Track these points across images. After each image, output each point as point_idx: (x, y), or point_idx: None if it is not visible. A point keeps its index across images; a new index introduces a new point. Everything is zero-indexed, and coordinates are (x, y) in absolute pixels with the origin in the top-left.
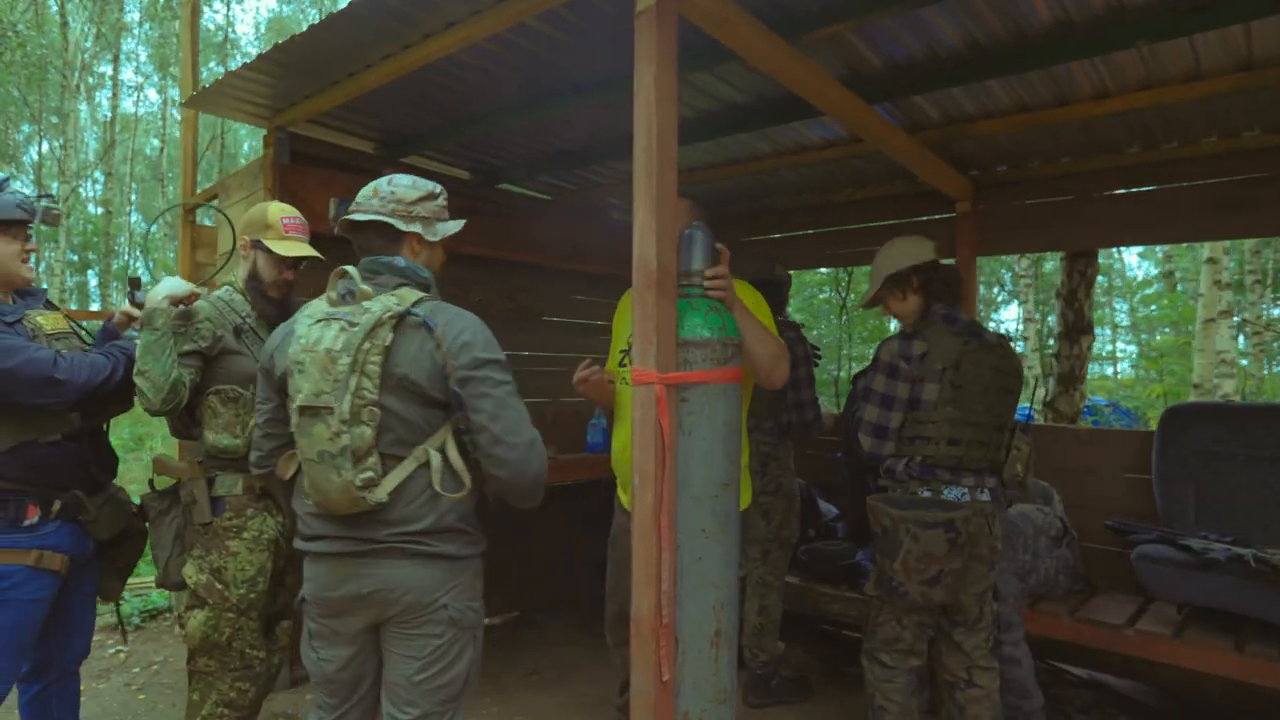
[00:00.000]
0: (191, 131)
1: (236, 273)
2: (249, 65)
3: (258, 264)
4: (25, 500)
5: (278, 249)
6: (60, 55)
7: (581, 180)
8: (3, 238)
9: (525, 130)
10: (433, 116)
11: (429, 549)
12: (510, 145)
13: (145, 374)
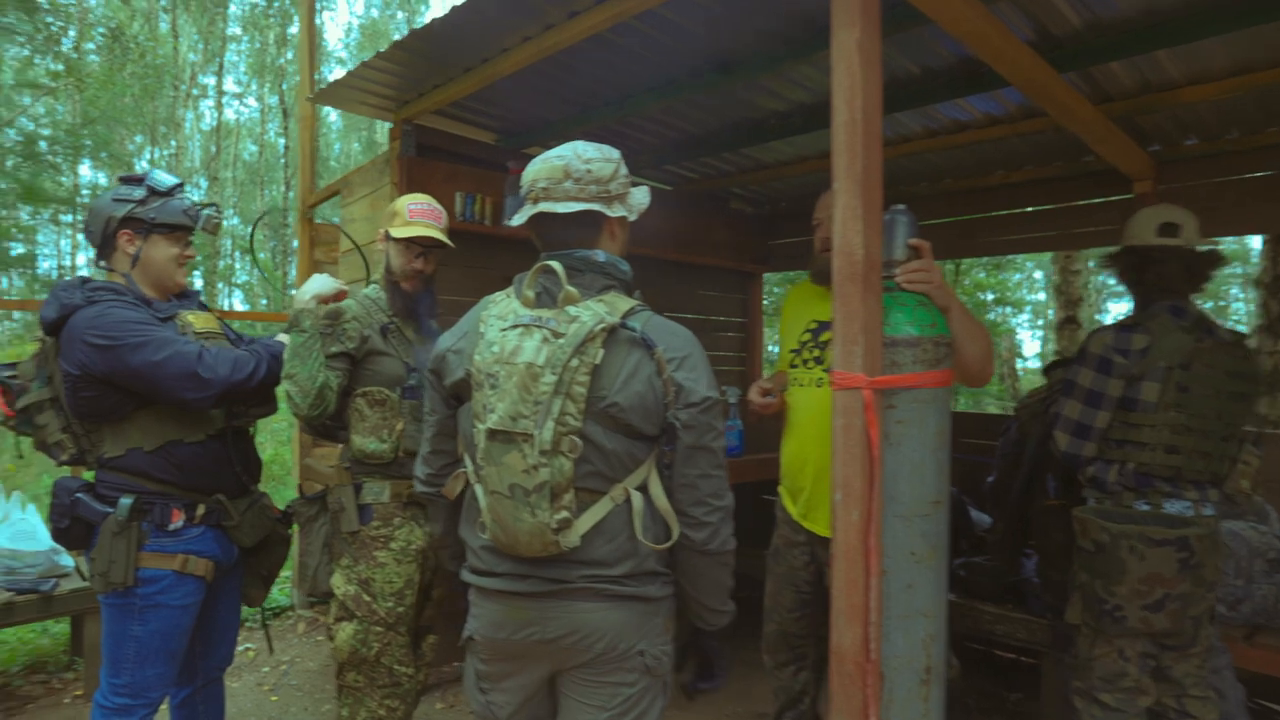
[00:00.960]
0: (309, 130)
1: (380, 268)
2: (380, 56)
3: (389, 256)
4: (170, 504)
5: (399, 233)
6: (171, 67)
7: (705, 169)
8: (164, 241)
9: (654, 117)
10: (557, 106)
11: (626, 590)
12: (633, 133)
13: (292, 378)
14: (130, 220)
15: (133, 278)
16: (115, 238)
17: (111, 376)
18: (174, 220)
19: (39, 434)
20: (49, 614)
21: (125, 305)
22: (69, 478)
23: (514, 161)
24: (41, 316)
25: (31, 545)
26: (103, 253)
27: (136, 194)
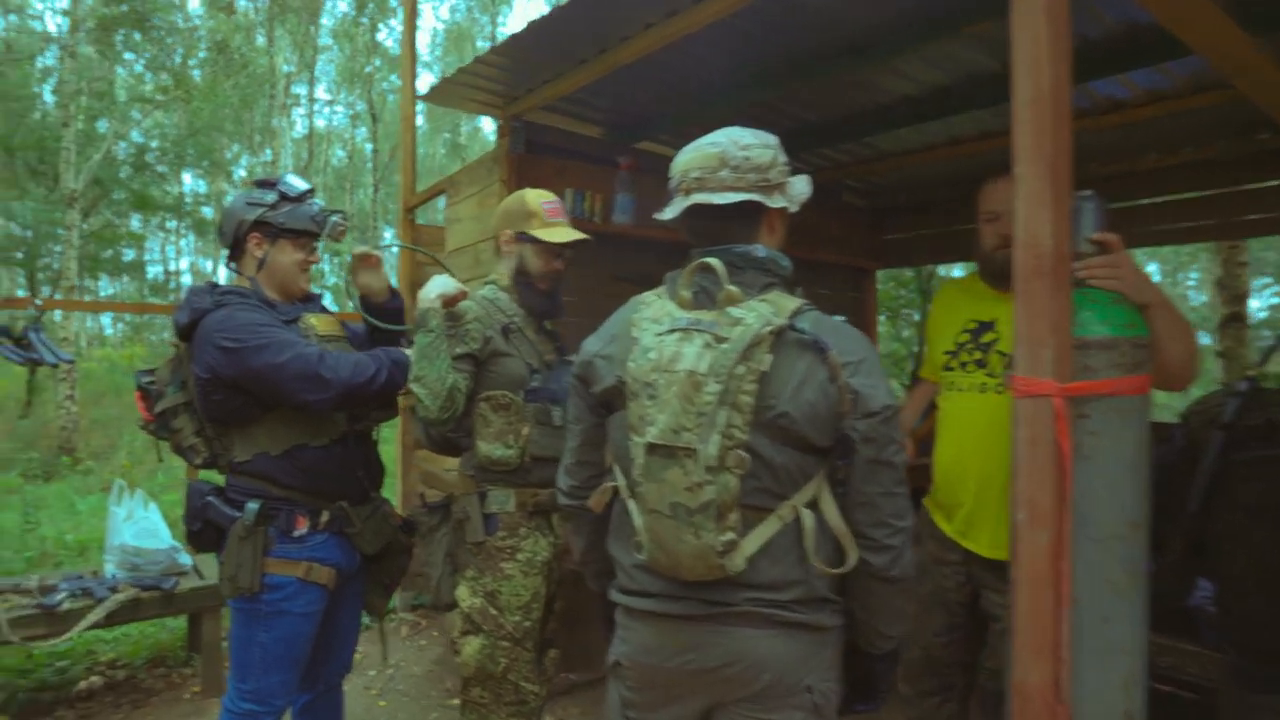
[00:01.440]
0: (410, 131)
1: (499, 269)
2: (493, 51)
3: (525, 257)
4: (295, 511)
5: (548, 236)
6: (268, 77)
7: (819, 160)
8: (291, 246)
9: (774, 106)
10: (670, 98)
11: (795, 617)
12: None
13: (421, 380)
14: (260, 224)
15: (258, 281)
16: (245, 240)
17: (237, 379)
18: (301, 226)
19: (175, 438)
20: (169, 610)
21: (250, 308)
22: (201, 481)
23: (624, 156)
24: (174, 321)
25: (154, 543)
26: (233, 254)
27: (268, 198)
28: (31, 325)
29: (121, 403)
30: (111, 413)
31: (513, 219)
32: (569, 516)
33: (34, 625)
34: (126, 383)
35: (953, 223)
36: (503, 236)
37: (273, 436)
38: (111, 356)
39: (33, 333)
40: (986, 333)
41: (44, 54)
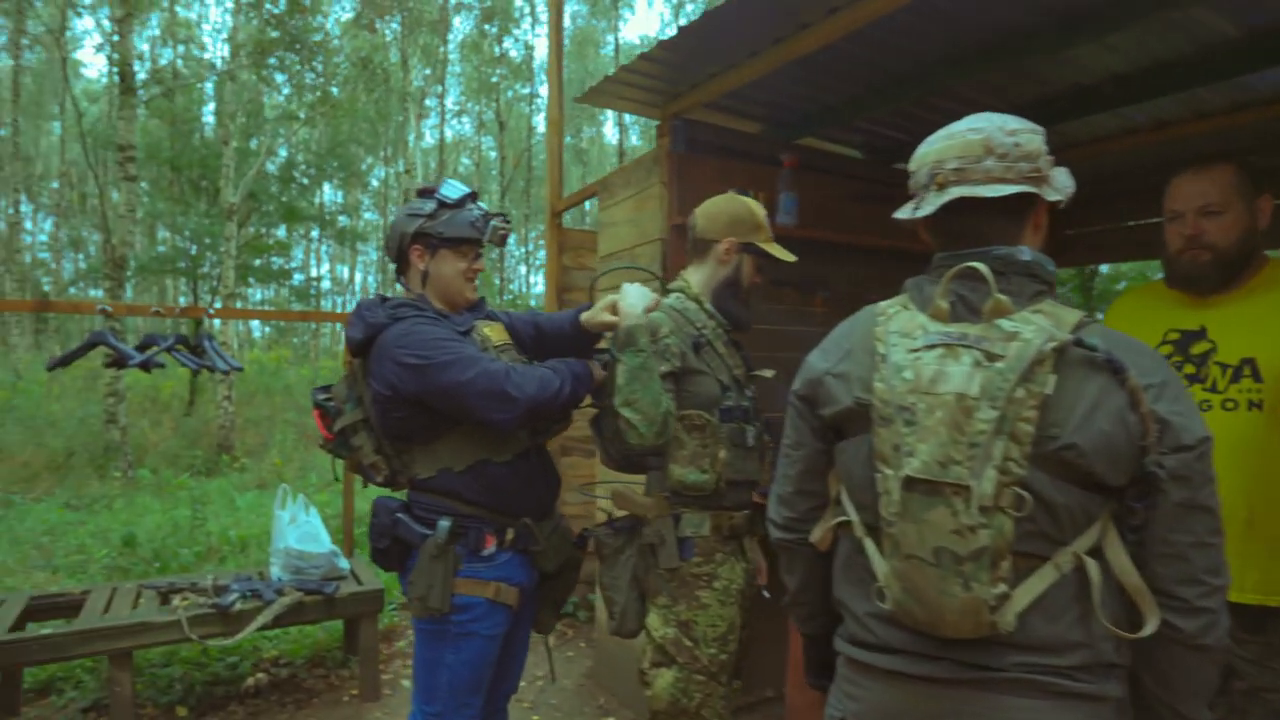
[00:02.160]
0: (557, 134)
1: (687, 277)
2: (661, 45)
3: (742, 269)
4: (483, 529)
5: (777, 253)
6: (402, 91)
7: None
8: (452, 255)
9: (957, 94)
10: (834, 91)
11: (1078, 687)
12: (923, 113)
13: (634, 404)
14: (420, 236)
15: (426, 295)
16: (408, 254)
17: (422, 396)
18: (461, 234)
19: (354, 456)
20: (330, 615)
21: (428, 321)
22: (388, 497)
23: (787, 153)
24: (348, 337)
25: (315, 547)
26: (400, 269)
27: (426, 208)
28: (205, 334)
29: (271, 403)
30: (262, 412)
31: (741, 228)
32: (781, 550)
33: (210, 624)
34: (274, 383)
35: (1145, 216)
36: (724, 244)
37: (456, 452)
38: (260, 359)
39: (206, 340)
40: (1197, 343)
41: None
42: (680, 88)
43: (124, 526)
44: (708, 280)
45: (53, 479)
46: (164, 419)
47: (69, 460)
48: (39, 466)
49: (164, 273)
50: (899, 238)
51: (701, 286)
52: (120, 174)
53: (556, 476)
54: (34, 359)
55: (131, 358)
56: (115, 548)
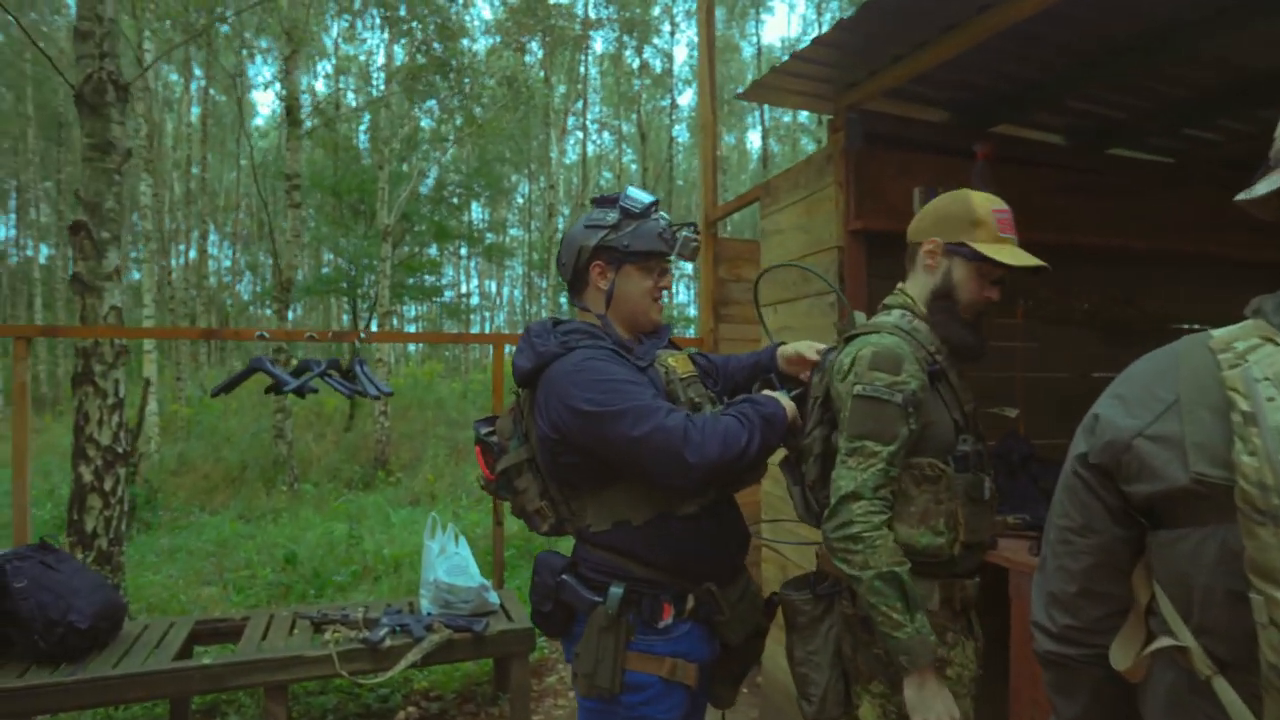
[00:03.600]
0: (710, 138)
1: (908, 291)
2: (837, 26)
3: (953, 276)
4: (660, 596)
5: (1000, 255)
6: (546, 107)
7: (1236, 130)
8: (637, 272)
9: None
10: (1045, 65)
11: None
12: (1140, 89)
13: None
14: (602, 250)
15: (608, 318)
16: (587, 270)
17: (588, 445)
18: (649, 246)
19: (518, 500)
20: (480, 654)
21: (605, 355)
22: (552, 554)
23: (980, 144)
24: (515, 366)
25: (465, 580)
26: (575, 289)
27: (609, 218)
28: (357, 359)
29: (424, 418)
30: (416, 426)
31: (948, 225)
32: (1052, 666)
33: (360, 660)
34: (428, 397)
35: None
36: (927, 245)
37: (633, 503)
38: (414, 373)
39: (358, 365)
40: None
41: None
42: (857, 75)
43: (287, 542)
44: (922, 293)
45: (229, 491)
46: (327, 432)
47: (242, 474)
48: (217, 479)
49: (327, 293)
50: (1107, 233)
51: (923, 302)
52: (287, 202)
53: (746, 533)
54: (216, 376)
55: (287, 383)
56: (278, 565)
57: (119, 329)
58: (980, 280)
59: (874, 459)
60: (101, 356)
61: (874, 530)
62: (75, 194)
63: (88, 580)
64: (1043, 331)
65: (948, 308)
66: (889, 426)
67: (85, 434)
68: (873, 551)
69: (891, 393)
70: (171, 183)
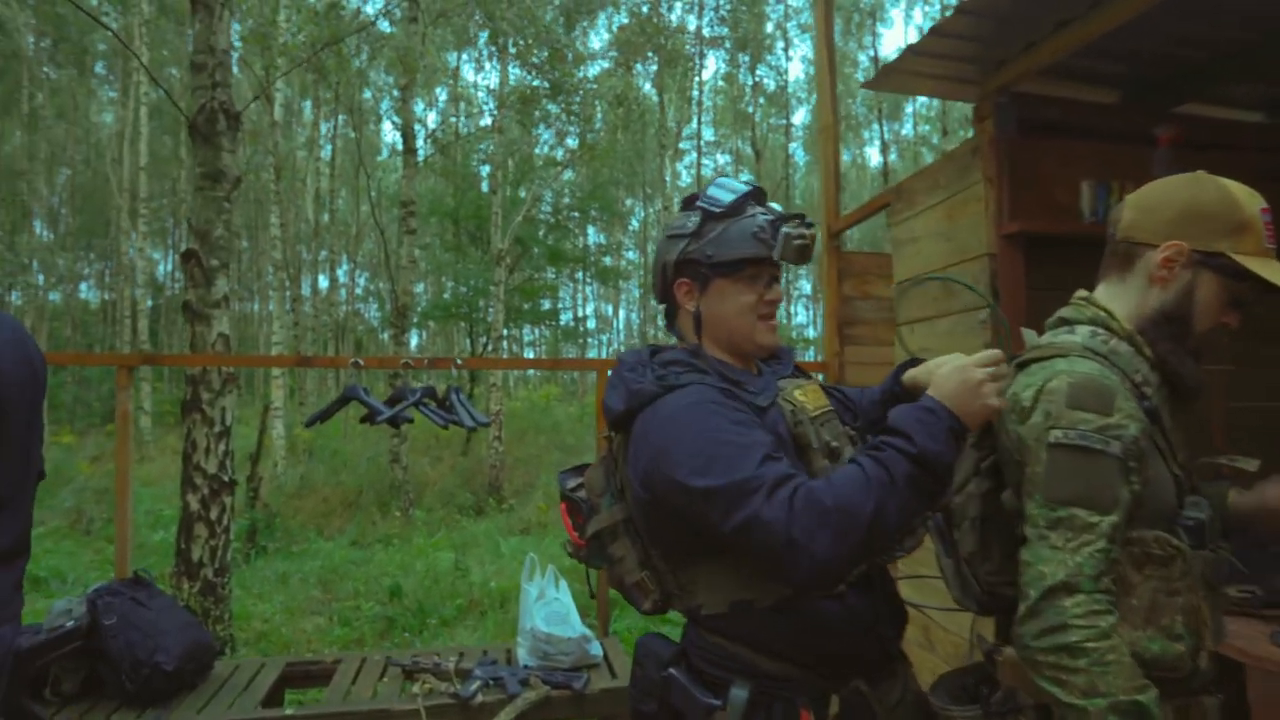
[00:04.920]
0: (831, 143)
1: (1101, 300)
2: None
3: (1197, 294)
4: (795, 700)
5: (1265, 272)
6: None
7: None
8: (729, 285)
9: None
10: (1251, 24)
11: None
12: None
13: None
14: (685, 264)
15: (705, 348)
16: (673, 291)
17: (687, 517)
18: (739, 253)
19: (615, 570)
20: (581, 714)
21: (711, 399)
22: (658, 638)
23: (1164, 127)
24: (605, 407)
25: (565, 630)
26: (669, 311)
27: (690, 223)
28: (453, 387)
29: (539, 443)
30: (531, 451)
31: (1201, 226)
32: None
33: (448, 716)
34: (544, 421)
35: None
36: (1166, 249)
37: (757, 579)
38: (531, 397)
39: (454, 394)
40: None
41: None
42: (1009, 51)
43: (396, 570)
44: (1133, 309)
45: (345, 516)
46: (444, 456)
47: (359, 498)
48: (335, 503)
49: (446, 318)
50: None
51: (1133, 321)
52: (404, 229)
53: (904, 611)
54: None
55: (381, 413)
56: (383, 596)
57: (217, 357)
58: (1226, 303)
59: (1089, 534)
60: (209, 384)
61: (1101, 640)
62: (187, 222)
63: (176, 619)
64: (1258, 351)
65: (1177, 333)
66: (1106, 488)
67: (193, 462)
68: (1103, 671)
69: (1105, 440)
70: (305, 214)
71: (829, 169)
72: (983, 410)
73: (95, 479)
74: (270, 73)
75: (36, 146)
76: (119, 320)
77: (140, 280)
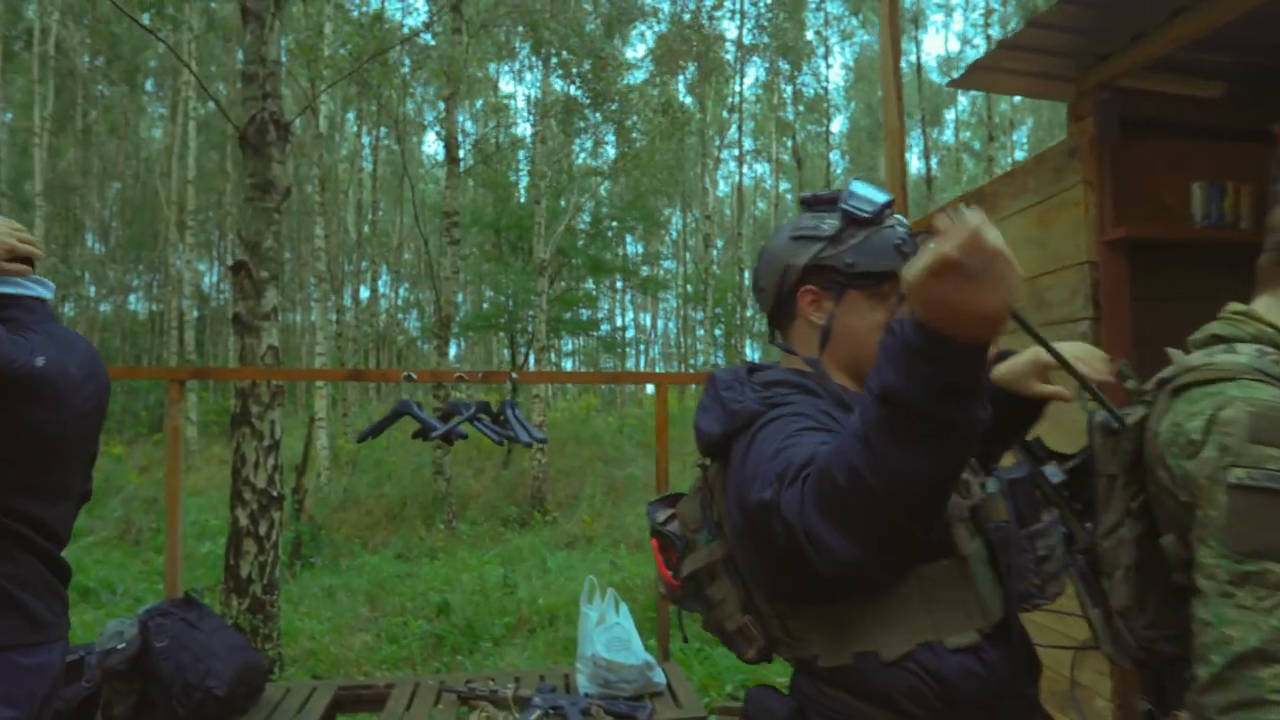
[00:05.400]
0: (897, 146)
1: (1263, 313)
2: None
3: None
4: None
5: None
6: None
7: None
8: (866, 300)
9: None
10: None
11: None
12: None
13: None
14: (816, 270)
15: (823, 365)
16: (794, 299)
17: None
18: (883, 266)
19: (713, 614)
20: None
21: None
22: (768, 690)
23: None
24: (699, 431)
25: (626, 657)
26: (777, 321)
27: (825, 226)
28: (508, 401)
29: (580, 454)
30: (573, 462)
31: None
32: None
33: None
34: (584, 432)
35: None
36: None
37: (883, 626)
38: (571, 408)
39: (509, 409)
40: None
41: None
42: (1113, 43)
43: (442, 585)
44: None
45: (389, 528)
46: (486, 468)
47: (403, 510)
48: (379, 515)
49: (486, 329)
50: None
51: None
52: (446, 239)
53: (1037, 661)
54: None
55: (435, 429)
56: (431, 612)
57: (268, 370)
58: None
59: None
60: (259, 397)
61: None
62: (237, 234)
63: (227, 641)
64: None
65: None
66: None
67: (242, 476)
68: None
69: None
70: (346, 226)
71: (895, 174)
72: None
73: (144, 488)
74: (316, 85)
75: (89, 162)
76: (166, 331)
77: (187, 292)
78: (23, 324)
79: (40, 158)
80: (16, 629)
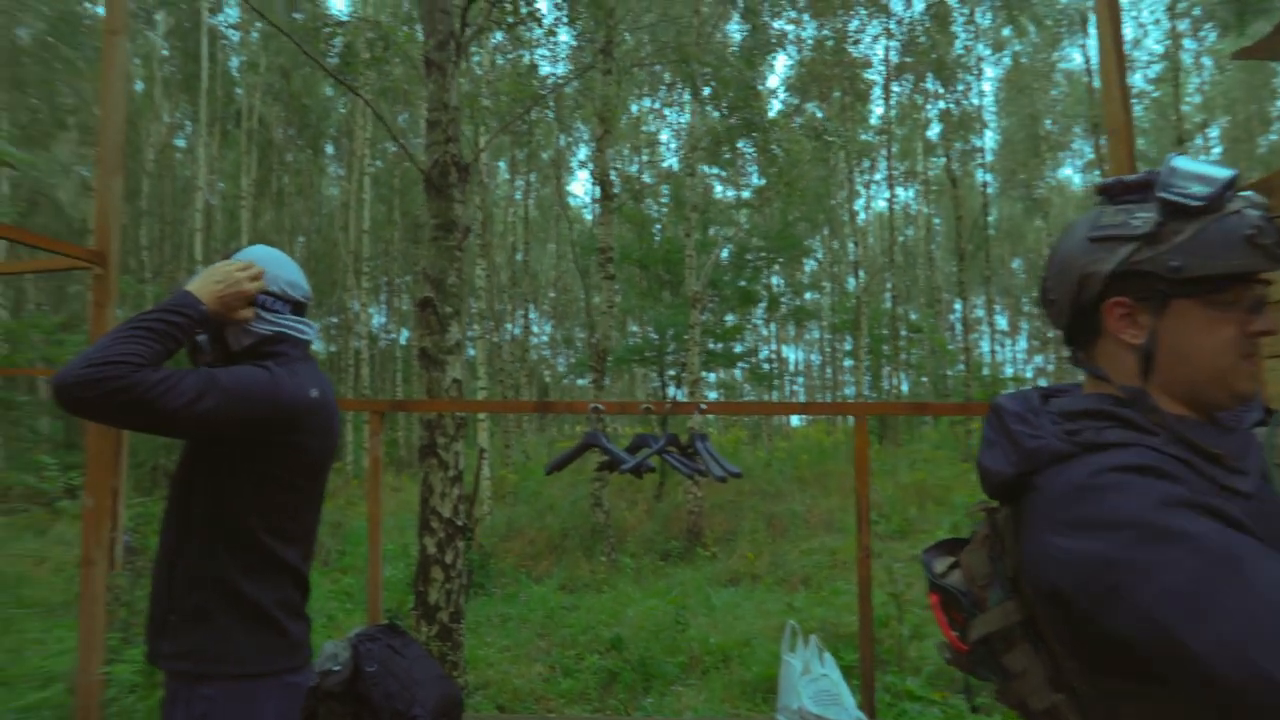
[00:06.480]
0: (1124, 143)
1: None
2: None
3: None
4: None
5: None
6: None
7: None
8: (1202, 310)
9: None
10: None
11: None
12: None
13: None
14: (1127, 278)
15: (1149, 394)
16: (1097, 314)
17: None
18: (1227, 266)
19: (1011, 687)
20: None
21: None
22: None
23: None
24: (983, 470)
25: (837, 713)
26: (1077, 339)
27: (1137, 222)
28: (697, 435)
29: (735, 488)
30: (727, 497)
31: None
32: None
33: None
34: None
35: None
36: None
37: None
38: (720, 441)
39: (700, 442)
40: None
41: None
42: None
43: (609, 619)
44: None
45: (551, 559)
46: (639, 500)
47: (563, 541)
48: (541, 545)
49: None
50: None
51: None
52: (601, 274)
53: None
54: (537, 442)
55: (624, 462)
56: (603, 646)
57: (459, 402)
58: None
59: None
60: (444, 429)
61: None
62: (422, 272)
63: (429, 670)
64: None
65: None
66: None
67: (429, 506)
68: None
69: None
70: (499, 267)
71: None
72: None
73: (330, 513)
74: (479, 132)
75: (282, 220)
76: (344, 368)
77: (362, 332)
78: (291, 358)
79: (246, 219)
80: (288, 652)
